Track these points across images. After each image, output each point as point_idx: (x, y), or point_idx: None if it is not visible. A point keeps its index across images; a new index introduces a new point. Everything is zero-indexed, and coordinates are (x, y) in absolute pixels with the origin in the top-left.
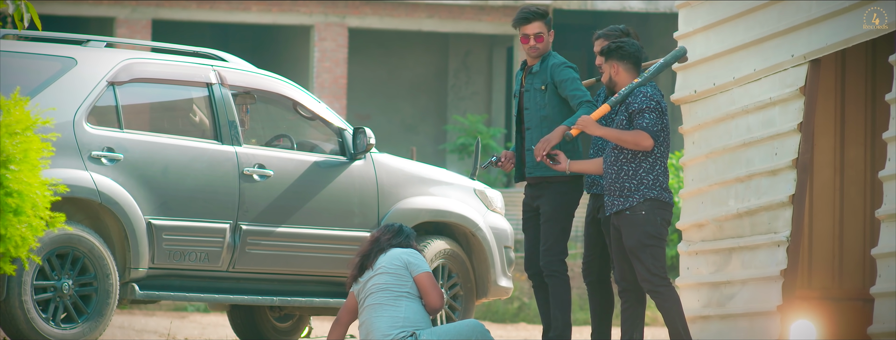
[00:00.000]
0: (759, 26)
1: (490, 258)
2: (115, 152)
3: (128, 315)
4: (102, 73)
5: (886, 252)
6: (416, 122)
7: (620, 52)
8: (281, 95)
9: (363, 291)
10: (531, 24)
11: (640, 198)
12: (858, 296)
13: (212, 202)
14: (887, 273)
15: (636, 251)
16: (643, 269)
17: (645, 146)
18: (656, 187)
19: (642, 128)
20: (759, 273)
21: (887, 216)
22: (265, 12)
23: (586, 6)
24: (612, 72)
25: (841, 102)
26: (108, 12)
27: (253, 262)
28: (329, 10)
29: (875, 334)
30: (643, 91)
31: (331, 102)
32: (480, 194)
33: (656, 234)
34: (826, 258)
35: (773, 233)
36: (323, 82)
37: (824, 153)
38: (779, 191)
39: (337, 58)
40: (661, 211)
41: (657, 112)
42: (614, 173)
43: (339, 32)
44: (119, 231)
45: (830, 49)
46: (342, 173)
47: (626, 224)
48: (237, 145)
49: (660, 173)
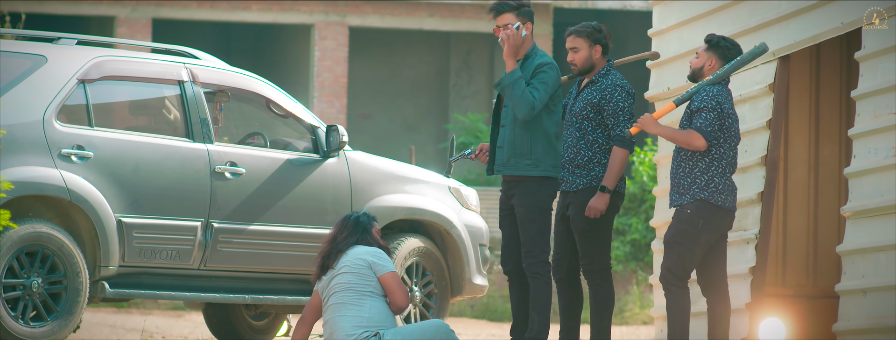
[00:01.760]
0: (730, 23)
1: (465, 256)
2: (86, 149)
3: (125, 314)
4: (73, 70)
5: (851, 249)
6: (417, 121)
7: (727, 51)
8: (254, 92)
9: (327, 289)
10: (502, 15)
11: (691, 198)
12: (832, 294)
13: (183, 200)
14: (852, 270)
15: (666, 246)
16: (665, 264)
17: (696, 146)
18: (708, 188)
19: (696, 128)
20: (729, 271)
21: (853, 212)
22: (265, 11)
23: (587, 5)
24: (707, 64)
25: (815, 99)
26: (109, 12)
27: (225, 260)
28: (329, 9)
29: (840, 331)
30: (707, 90)
31: (331, 101)
32: (455, 192)
33: (692, 234)
34: (800, 256)
35: (743, 231)
36: (323, 81)
37: (799, 151)
38: (748, 188)
39: (337, 57)
40: (707, 214)
41: (715, 112)
42: (673, 169)
43: (339, 31)
44: (89, 229)
45: (798, 46)
46: (315, 170)
47: (673, 218)
48: (209, 142)
49: (715, 174)
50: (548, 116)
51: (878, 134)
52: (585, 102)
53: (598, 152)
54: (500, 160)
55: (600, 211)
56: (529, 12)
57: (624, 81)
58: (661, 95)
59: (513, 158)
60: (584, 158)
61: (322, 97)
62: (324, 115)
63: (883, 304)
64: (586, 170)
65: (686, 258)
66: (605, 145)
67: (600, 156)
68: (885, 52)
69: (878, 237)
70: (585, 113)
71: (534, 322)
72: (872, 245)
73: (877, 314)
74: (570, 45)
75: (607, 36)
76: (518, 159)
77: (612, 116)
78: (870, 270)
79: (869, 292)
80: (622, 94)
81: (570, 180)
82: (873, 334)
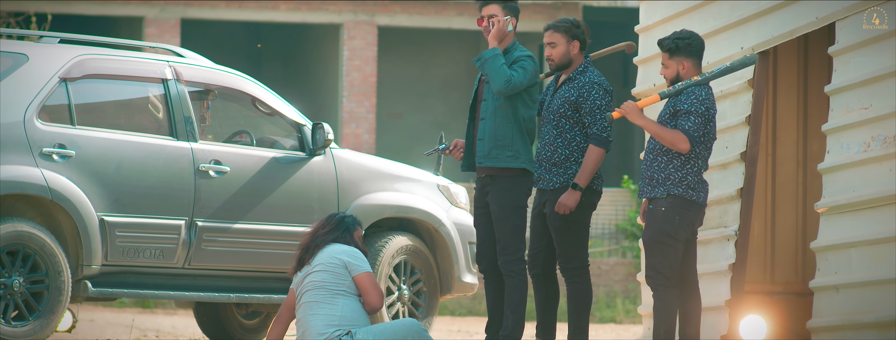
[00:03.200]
0: (712, 19)
1: (454, 254)
2: (67, 148)
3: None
4: (54, 69)
5: (824, 246)
6: (447, 120)
7: (689, 48)
8: (239, 90)
9: (300, 287)
10: (488, 6)
11: (664, 193)
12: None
13: (167, 199)
14: (825, 267)
15: (647, 246)
16: (649, 264)
17: (680, 149)
18: (682, 184)
19: (683, 130)
20: (710, 268)
21: (826, 208)
22: (294, 11)
23: (616, 4)
24: (680, 69)
25: (803, 94)
26: (137, 12)
27: (209, 259)
28: (358, 8)
29: (814, 328)
30: (697, 93)
31: (360, 100)
32: (444, 190)
33: (672, 232)
34: (788, 253)
35: (723, 227)
36: (352, 81)
37: (787, 147)
38: (728, 185)
39: (366, 56)
40: (683, 210)
41: (703, 118)
42: (648, 161)
43: (368, 31)
44: (71, 228)
45: (776, 41)
46: (301, 168)
47: (647, 218)
48: (193, 141)
49: (690, 172)
50: (525, 110)
51: (850, 129)
52: (563, 100)
53: (575, 151)
54: (481, 153)
55: (570, 208)
56: (515, 8)
57: (602, 78)
58: (647, 91)
59: (494, 149)
60: (560, 156)
61: (351, 97)
62: (353, 114)
63: (856, 300)
64: (563, 168)
65: (670, 256)
66: (582, 144)
67: (578, 154)
68: (858, 46)
69: (850, 232)
70: (563, 111)
71: (508, 320)
72: (844, 241)
73: (849, 310)
74: (547, 40)
75: (585, 32)
76: (499, 150)
77: (590, 114)
78: (842, 266)
79: (841, 288)
80: (600, 91)
81: (546, 178)
82: (846, 330)
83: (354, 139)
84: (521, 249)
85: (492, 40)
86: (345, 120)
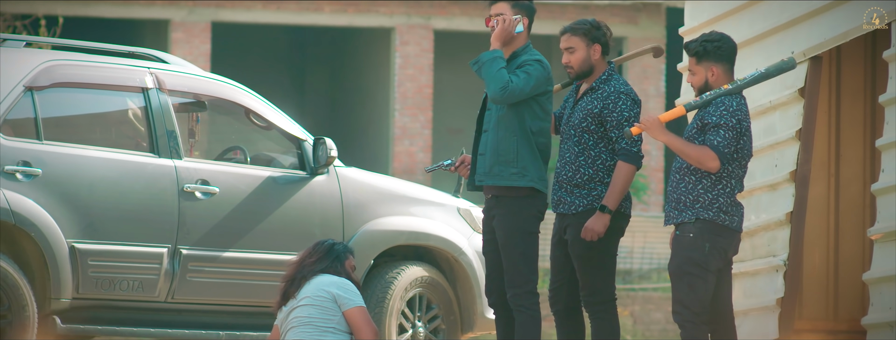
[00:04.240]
0: (761, 20)
1: (476, 286)
2: (33, 166)
3: None
4: (19, 76)
5: (880, 277)
6: None
7: (719, 52)
8: (231, 101)
9: (285, 324)
10: (496, 4)
11: (692, 216)
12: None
13: (146, 224)
14: (880, 301)
15: (673, 278)
16: (675, 299)
17: (709, 167)
18: (712, 207)
19: (711, 146)
20: (758, 303)
21: (882, 235)
22: (340, 13)
23: None
24: (709, 76)
25: (836, 106)
26: (163, 14)
27: (195, 291)
28: (412, 10)
29: None
30: (727, 104)
31: (415, 113)
32: (466, 214)
33: (701, 262)
34: (818, 286)
35: (772, 256)
36: (405, 92)
37: (818, 166)
38: (777, 208)
39: (421, 64)
40: (714, 236)
41: (734, 132)
42: (674, 182)
43: (423, 35)
44: (37, 257)
45: (829, 44)
46: (301, 189)
47: (674, 245)
48: (177, 158)
49: (721, 193)
50: (533, 122)
51: None
52: (585, 113)
53: (601, 170)
54: (482, 169)
55: (598, 233)
56: (528, 7)
57: (628, 87)
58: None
59: (496, 166)
60: (583, 176)
61: (404, 110)
62: (406, 130)
63: None
64: (587, 190)
65: (699, 289)
66: (608, 162)
67: (603, 174)
68: None
69: None
70: (585, 125)
71: None
72: None
73: None
74: (564, 45)
75: (607, 33)
76: (502, 166)
77: (617, 127)
78: None
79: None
80: (627, 102)
81: (568, 201)
82: None
83: (408, 158)
84: (533, 281)
85: (494, 41)
86: (397, 136)
